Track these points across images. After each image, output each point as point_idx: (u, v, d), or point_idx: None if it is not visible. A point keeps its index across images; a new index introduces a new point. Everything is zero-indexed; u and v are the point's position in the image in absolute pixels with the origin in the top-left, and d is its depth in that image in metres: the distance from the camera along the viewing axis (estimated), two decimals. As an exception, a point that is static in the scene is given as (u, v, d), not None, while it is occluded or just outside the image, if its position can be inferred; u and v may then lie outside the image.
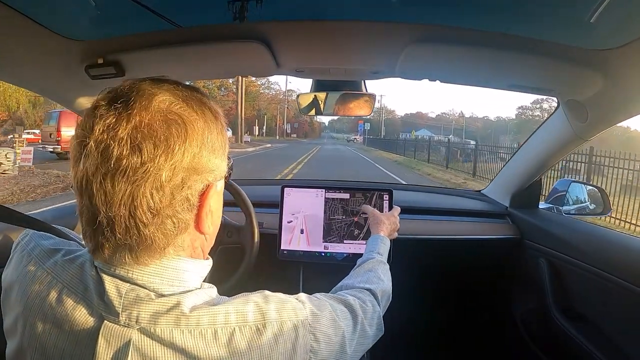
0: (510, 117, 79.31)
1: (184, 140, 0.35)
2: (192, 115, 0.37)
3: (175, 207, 0.36)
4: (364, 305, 0.58)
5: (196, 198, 0.38)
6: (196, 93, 0.41)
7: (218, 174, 0.40)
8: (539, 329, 1.23)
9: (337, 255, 1.15)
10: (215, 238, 1.13)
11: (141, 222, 0.35)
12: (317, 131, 70.25)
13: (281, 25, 0.73)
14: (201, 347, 0.36)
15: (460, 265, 1.44)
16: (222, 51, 0.82)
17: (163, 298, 0.37)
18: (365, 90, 1.08)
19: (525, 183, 1.30)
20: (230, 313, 0.39)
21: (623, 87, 0.76)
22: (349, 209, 1.16)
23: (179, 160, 0.35)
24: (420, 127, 68.19)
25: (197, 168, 0.37)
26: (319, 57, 0.89)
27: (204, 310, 0.38)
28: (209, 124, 0.39)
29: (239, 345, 0.38)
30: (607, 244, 0.99)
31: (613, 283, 0.89)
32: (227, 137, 0.43)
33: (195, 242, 0.42)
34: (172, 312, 0.37)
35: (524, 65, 0.79)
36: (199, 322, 0.37)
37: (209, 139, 0.38)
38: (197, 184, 0.37)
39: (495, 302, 1.50)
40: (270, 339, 0.39)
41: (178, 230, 0.38)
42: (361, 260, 0.77)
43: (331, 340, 0.47)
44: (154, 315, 0.36)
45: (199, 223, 0.40)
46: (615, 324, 0.93)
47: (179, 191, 0.36)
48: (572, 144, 1.08)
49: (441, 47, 0.75)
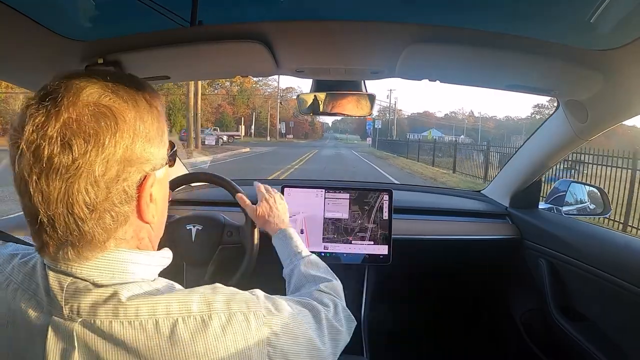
0: (520, 117, 74.65)
1: (114, 133, 0.35)
2: (123, 106, 0.36)
3: (112, 200, 0.36)
4: (323, 302, 0.58)
5: (134, 189, 0.38)
6: (128, 83, 0.39)
7: (156, 162, 0.40)
8: (538, 329, 1.23)
9: (337, 256, 1.15)
10: (215, 238, 1.12)
11: (79, 219, 0.35)
12: (319, 131, 65.39)
13: (281, 25, 0.73)
14: (142, 339, 0.36)
15: (460, 266, 1.44)
16: (222, 51, 0.81)
17: (101, 288, 0.37)
18: (365, 91, 1.08)
19: (525, 183, 1.30)
20: (172, 303, 0.38)
21: (623, 87, 0.76)
22: (348, 210, 1.16)
23: (111, 153, 0.35)
24: (428, 127, 64.60)
25: (131, 159, 0.36)
26: (319, 57, 0.89)
27: (143, 299, 0.37)
28: (141, 113, 0.38)
29: (182, 336, 0.37)
30: (607, 244, 0.99)
31: (613, 283, 0.89)
32: (165, 124, 0.42)
33: (141, 233, 0.42)
34: (109, 302, 0.37)
35: (524, 66, 0.79)
36: (138, 312, 0.37)
37: (142, 129, 0.37)
38: (133, 175, 0.37)
39: (495, 303, 1.50)
40: (216, 330, 0.38)
41: (118, 224, 0.37)
42: (289, 273, 0.72)
43: (294, 333, 0.45)
44: (92, 307, 0.36)
45: (140, 213, 0.40)
46: (615, 324, 0.93)
47: (114, 184, 0.36)
48: (572, 144, 1.08)
49: (441, 47, 0.75)
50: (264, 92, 46.22)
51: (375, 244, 1.15)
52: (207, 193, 1.46)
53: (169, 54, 0.81)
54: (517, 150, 1.34)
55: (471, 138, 47.87)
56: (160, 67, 0.89)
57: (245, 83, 40.45)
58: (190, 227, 1.00)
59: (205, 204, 1.36)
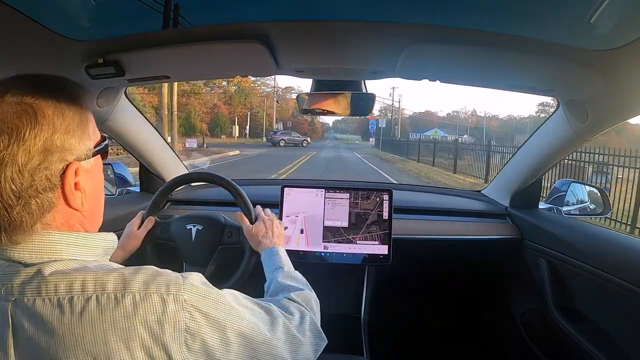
0: (523, 115, 71.32)
1: (33, 127, 0.39)
2: (42, 103, 0.40)
3: (36, 187, 0.39)
4: (288, 310, 0.58)
5: (57, 178, 0.41)
6: (52, 83, 0.43)
7: (80, 153, 0.43)
8: (538, 329, 1.23)
9: (337, 256, 1.15)
10: (215, 238, 1.11)
11: (8, 205, 0.38)
12: (319, 131, 62.39)
13: (281, 25, 0.73)
14: (57, 315, 0.38)
15: (460, 266, 1.44)
16: (221, 51, 0.81)
17: (28, 268, 0.40)
18: (366, 91, 1.08)
19: (525, 183, 1.30)
20: (88, 281, 0.39)
21: (623, 87, 0.76)
22: (348, 209, 1.16)
23: (31, 144, 0.38)
24: (431, 126, 61.44)
25: (51, 149, 0.40)
26: (318, 57, 0.89)
27: (62, 276, 0.39)
28: (62, 108, 0.42)
29: (92, 313, 0.38)
30: (607, 244, 0.99)
31: (613, 283, 0.89)
32: (88, 118, 0.46)
33: (71, 220, 0.44)
34: (34, 280, 0.39)
35: (524, 66, 0.79)
36: (57, 288, 0.39)
37: (61, 122, 0.41)
38: (55, 164, 0.40)
39: (495, 302, 1.50)
40: (127, 309, 0.39)
41: (43, 209, 0.40)
42: (268, 284, 0.73)
43: (223, 327, 0.44)
44: (21, 285, 0.39)
45: (67, 200, 0.42)
46: (615, 324, 0.93)
47: (37, 172, 0.39)
48: (572, 145, 1.08)
49: (442, 47, 0.75)
50: (262, 91, 43.85)
51: (375, 243, 1.15)
52: (207, 193, 1.46)
53: (168, 53, 0.81)
54: (517, 150, 1.34)
55: (474, 137, 45.82)
56: (160, 67, 0.89)
57: (242, 82, 37.79)
58: (191, 226, 1.00)
59: (205, 204, 1.36)
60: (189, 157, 13.44)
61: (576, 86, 0.84)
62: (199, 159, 12.62)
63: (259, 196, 1.25)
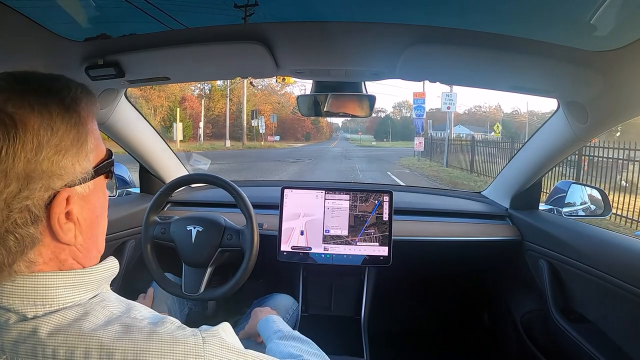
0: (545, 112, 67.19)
1: (12, 143, 0.30)
2: (27, 112, 0.32)
3: (14, 220, 0.32)
4: None
5: (40, 209, 0.33)
6: (41, 84, 0.35)
7: (73, 177, 0.35)
8: (539, 331, 1.23)
9: (337, 257, 1.15)
10: (215, 240, 1.11)
11: None
12: (325, 132, 53.45)
13: (281, 26, 0.73)
14: None
15: (461, 267, 1.44)
16: (221, 52, 0.81)
17: (22, 323, 0.33)
18: (366, 92, 1.08)
19: (525, 184, 1.30)
20: (92, 349, 0.33)
21: (623, 88, 0.76)
22: (348, 211, 1.16)
23: (9, 166, 0.30)
24: (455, 123, 58.74)
25: (33, 176, 0.32)
26: (319, 59, 0.89)
27: (62, 338, 0.33)
28: (52, 120, 0.33)
29: None
30: (607, 245, 0.99)
31: (613, 285, 0.89)
32: (88, 130, 0.37)
33: (62, 255, 0.37)
34: (29, 341, 0.33)
35: (524, 67, 0.79)
36: (56, 354, 0.32)
37: (50, 139, 0.33)
38: (37, 192, 0.32)
39: (496, 304, 1.49)
40: None
41: (24, 246, 0.33)
42: (269, 350, 0.70)
43: None
44: (15, 344, 0.33)
45: (55, 235, 0.35)
46: (615, 326, 0.93)
47: (15, 202, 0.31)
48: (572, 146, 1.08)
49: (442, 48, 0.75)
50: (260, 92, 35.05)
51: (376, 245, 1.14)
52: (207, 194, 1.46)
53: (168, 54, 0.81)
54: (517, 152, 1.34)
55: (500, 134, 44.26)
56: (160, 68, 0.89)
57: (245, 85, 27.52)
58: (191, 227, 1.00)
59: (205, 205, 1.36)
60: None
61: (577, 87, 0.84)
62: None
63: (259, 198, 1.24)
